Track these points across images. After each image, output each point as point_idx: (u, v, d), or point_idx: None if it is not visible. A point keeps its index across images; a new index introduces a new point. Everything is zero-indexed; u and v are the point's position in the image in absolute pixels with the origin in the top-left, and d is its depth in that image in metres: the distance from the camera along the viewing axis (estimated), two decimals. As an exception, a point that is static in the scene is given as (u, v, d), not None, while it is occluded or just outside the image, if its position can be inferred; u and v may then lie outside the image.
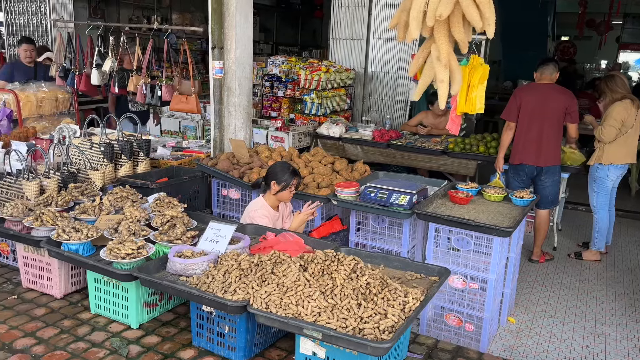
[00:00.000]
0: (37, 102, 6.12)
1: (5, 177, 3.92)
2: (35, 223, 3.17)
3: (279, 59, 8.51)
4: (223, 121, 5.29)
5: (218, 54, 5.06)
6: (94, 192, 3.95)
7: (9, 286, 3.56)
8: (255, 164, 4.67)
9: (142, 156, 4.74)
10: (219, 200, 4.89)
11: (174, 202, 3.74)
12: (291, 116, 8.10)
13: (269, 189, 3.89)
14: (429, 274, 2.96)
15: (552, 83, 5.05)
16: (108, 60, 5.71)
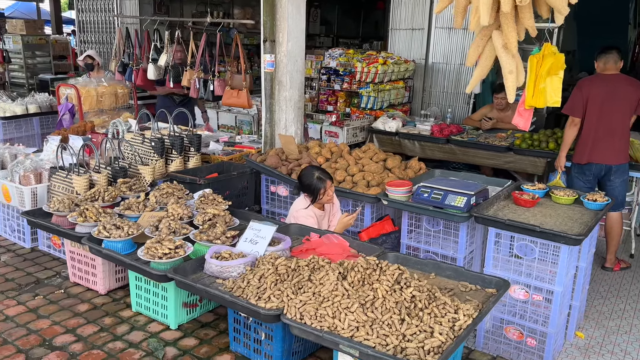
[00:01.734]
0: (98, 96, 6.27)
1: (58, 171, 3.98)
2: (78, 219, 3.17)
3: (336, 52, 8.30)
4: (274, 116, 5.17)
5: (269, 47, 4.93)
6: (142, 188, 3.93)
7: (57, 279, 3.61)
8: (305, 161, 4.51)
9: (193, 151, 4.70)
10: (268, 196, 4.78)
11: (218, 199, 3.64)
12: (347, 110, 7.89)
13: None
14: (485, 286, 2.68)
15: (619, 73, 4.56)
16: (163, 55, 5.74)
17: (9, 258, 3.91)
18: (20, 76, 10.81)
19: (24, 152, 4.64)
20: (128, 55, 6.17)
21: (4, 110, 6.86)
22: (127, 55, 6.17)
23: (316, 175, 3.58)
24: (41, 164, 4.26)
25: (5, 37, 10.12)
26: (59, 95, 6.33)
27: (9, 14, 15.87)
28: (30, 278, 3.59)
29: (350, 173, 4.25)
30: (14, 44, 10.38)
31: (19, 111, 6.98)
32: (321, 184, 3.56)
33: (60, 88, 6.31)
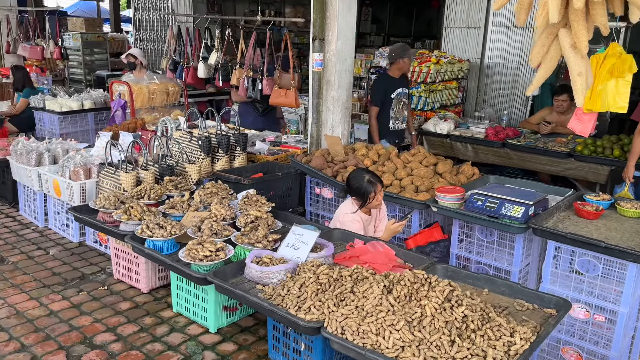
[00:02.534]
0: (149, 93, 6.36)
1: (106, 167, 4.02)
2: (123, 217, 3.16)
3: (386, 51, 8.11)
4: (321, 116, 5.06)
5: (318, 45, 4.83)
6: (188, 187, 3.92)
7: (101, 276, 3.63)
8: (351, 163, 4.37)
9: (239, 150, 4.66)
10: (312, 198, 4.68)
11: (261, 200, 3.57)
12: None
13: None
14: (544, 305, 2.47)
15: None
16: (214, 53, 5.75)
17: (57, 252, 3.98)
18: (78, 72, 11.19)
19: (75, 147, 4.73)
20: (179, 53, 6.23)
21: (61, 106, 7.08)
22: (179, 54, 6.23)
23: (366, 178, 3.44)
24: (91, 159, 4.32)
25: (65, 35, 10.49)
26: (112, 91, 6.46)
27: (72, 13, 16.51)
28: (76, 273, 3.63)
29: (398, 177, 4.09)
30: (73, 41, 10.75)
31: (75, 106, 7.18)
32: (371, 187, 3.42)
33: (113, 85, 6.44)
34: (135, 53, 6.72)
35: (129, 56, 6.74)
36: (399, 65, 5.29)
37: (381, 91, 5.30)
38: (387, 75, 5.38)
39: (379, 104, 5.30)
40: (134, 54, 6.70)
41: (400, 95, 5.38)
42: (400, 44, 5.62)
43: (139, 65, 6.66)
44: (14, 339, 2.81)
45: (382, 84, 5.35)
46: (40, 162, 4.47)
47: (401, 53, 5.25)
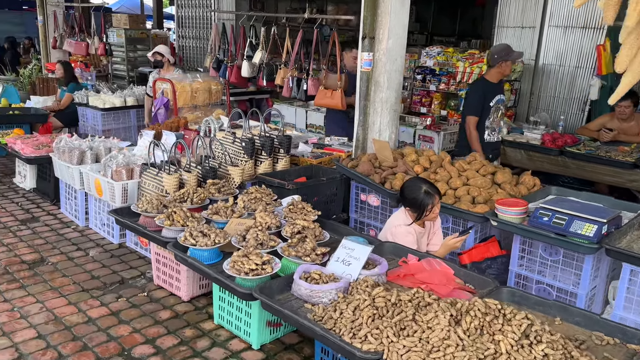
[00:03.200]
0: (192, 92, 6.26)
1: (149, 168, 3.91)
2: (166, 222, 3.03)
3: (434, 50, 7.83)
4: (367, 118, 4.83)
5: (368, 44, 4.60)
6: (231, 190, 3.77)
7: (141, 280, 3.52)
8: (400, 169, 4.14)
9: (282, 153, 4.49)
10: (357, 205, 4.46)
11: (307, 208, 3.38)
12: (442, 113, 7.41)
13: None
14: (626, 340, 2.19)
15: None
16: (258, 52, 5.60)
17: (97, 253, 3.90)
18: (121, 69, 11.29)
19: (118, 145, 4.66)
20: (223, 51, 6.11)
21: (104, 102, 7.08)
22: (222, 52, 6.11)
23: (424, 189, 3.20)
24: (133, 159, 4.23)
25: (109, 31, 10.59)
26: (155, 89, 6.40)
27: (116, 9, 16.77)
28: (115, 277, 3.53)
29: (452, 186, 3.83)
30: (117, 37, 10.84)
31: (118, 103, 7.18)
32: (429, 199, 3.18)
33: (156, 82, 6.37)
34: (162, 50, 6.50)
35: (155, 54, 6.50)
36: (501, 68, 4.68)
37: (480, 98, 4.72)
38: (485, 80, 4.81)
39: (478, 113, 4.72)
40: (160, 52, 6.47)
41: (498, 102, 4.83)
42: (503, 44, 5.03)
43: (166, 62, 6.48)
44: (52, 348, 2.71)
45: (480, 90, 4.76)
46: (82, 160, 4.40)
47: (505, 55, 4.63)
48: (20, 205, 4.80)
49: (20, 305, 3.10)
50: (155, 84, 6.43)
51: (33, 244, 3.98)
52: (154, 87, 6.45)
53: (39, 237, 4.12)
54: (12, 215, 4.55)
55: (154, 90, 6.46)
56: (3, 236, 4.09)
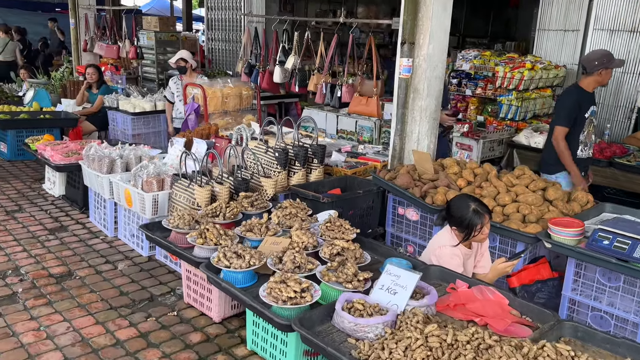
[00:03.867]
0: (223, 97, 6.14)
1: (180, 179, 3.77)
2: (198, 241, 2.87)
3: (470, 54, 7.56)
4: (405, 127, 4.61)
5: (407, 50, 4.38)
6: (264, 204, 3.60)
7: (171, 298, 3.38)
8: (442, 182, 3.91)
9: (316, 163, 4.31)
10: (395, 219, 4.24)
11: (345, 225, 3.18)
12: (479, 118, 7.12)
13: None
14: None
15: None
16: (291, 57, 5.43)
17: (125, 267, 3.77)
18: (151, 71, 11.28)
19: (148, 154, 4.54)
20: (255, 56, 5.95)
21: (134, 106, 7.02)
22: (254, 56, 5.96)
23: (472, 207, 2.97)
24: (164, 169, 4.10)
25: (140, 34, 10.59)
26: (186, 94, 6.29)
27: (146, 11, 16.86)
28: (144, 293, 3.40)
29: (500, 203, 3.58)
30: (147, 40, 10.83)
31: (148, 108, 7.11)
32: (478, 219, 2.94)
33: (187, 87, 6.27)
34: (186, 56, 6.33)
35: (179, 60, 6.31)
36: (600, 77, 4.18)
37: (574, 108, 4.16)
38: (580, 88, 4.25)
39: (569, 124, 4.15)
40: (184, 58, 6.30)
41: (592, 114, 4.30)
42: (603, 50, 4.57)
43: (189, 68, 6.32)
44: (78, 372, 2.58)
45: (575, 99, 4.20)
46: (112, 169, 4.30)
47: (607, 62, 4.14)
48: (49, 213, 4.73)
49: (47, 323, 2.99)
50: (187, 89, 6.33)
51: (61, 256, 3.88)
52: (185, 93, 6.35)
53: (67, 249, 4.02)
54: (40, 224, 4.48)
55: (185, 95, 6.36)
56: (32, 247, 4.01)
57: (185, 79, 6.28)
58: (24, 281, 3.48)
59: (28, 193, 5.24)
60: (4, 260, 3.76)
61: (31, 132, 6.40)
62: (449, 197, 3.73)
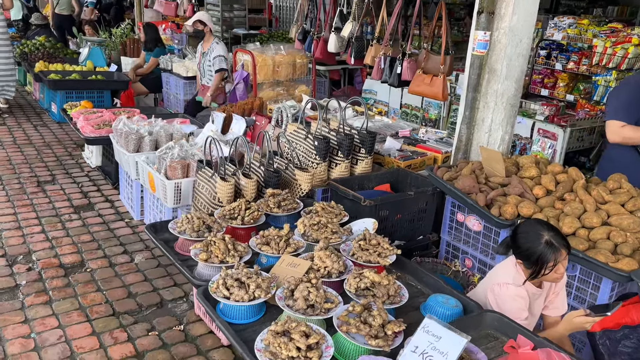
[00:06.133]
0: (274, 66, 5.59)
1: (204, 167, 3.31)
2: (201, 255, 2.40)
3: (564, 21, 6.47)
4: (475, 114, 3.86)
5: (485, 21, 3.59)
6: (293, 205, 3.07)
7: (182, 305, 2.98)
8: (513, 190, 3.19)
9: (363, 154, 3.70)
10: (452, 225, 3.58)
11: (384, 244, 2.59)
12: (569, 98, 6.13)
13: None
14: None
15: None
16: (348, 24, 4.74)
17: (142, 260, 3.43)
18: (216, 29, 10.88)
19: (181, 131, 4.12)
20: (310, 21, 5.30)
21: (187, 69, 6.64)
22: (310, 21, 5.31)
23: (545, 238, 2.29)
24: (191, 152, 3.66)
25: (205, -11, 10.18)
26: (236, 60, 5.81)
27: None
28: (154, 297, 3.03)
29: (586, 225, 2.83)
30: (213, -5, 10.40)
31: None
32: (552, 254, 2.27)
33: (237, 53, 5.78)
34: (205, 19, 5.67)
35: (196, 23, 5.64)
36: None
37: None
38: None
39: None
40: (203, 20, 5.64)
41: None
42: None
43: (207, 32, 5.72)
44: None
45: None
46: (140, 147, 3.92)
47: None
48: (80, 187, 4.49)
49: (39, 329, 2.69)
50: (237, 55, 5.84)
51: (78, 241, 3.60)
52: (235, 59, 5.87)
53: (87, 232, 3.74)
54: (68, 199, 4.23)
55: (235, 62, 5.88)
56: (51, 227, 3.76)
57: (203, 45, 5.79)
58: (31, 271, 3.22)
59: (66, 161, 5.04)
60: (19, 242, 3.53)
61: (81, 93, 6.21)
62: (521, 210, 3.03)
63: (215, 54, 5.60)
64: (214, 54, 5.60)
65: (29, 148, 5.34)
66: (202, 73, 5.89)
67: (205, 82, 5.85)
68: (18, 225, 3.75)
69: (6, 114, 6.59)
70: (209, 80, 5.79)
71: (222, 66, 5.61)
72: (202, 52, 5.78)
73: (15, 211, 3.95)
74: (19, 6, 10.65)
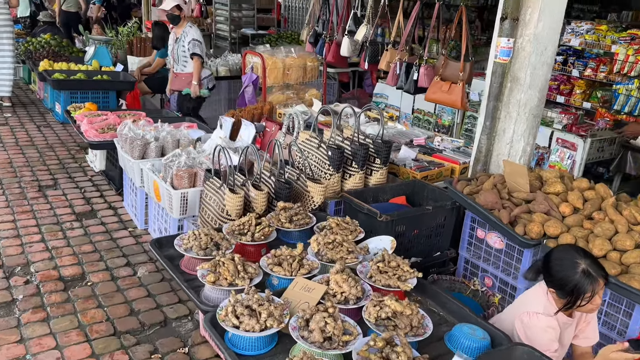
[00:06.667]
0: (284, 69, 5.43)
1: (212, 177, 3.15)
2: (209, 277, 2.24)
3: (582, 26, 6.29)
4: (496, 125, 3.69)
5: (509, 27, 3.42)
6: (305, 220, 2.90)
7: (187, 324, 2.82)
8: (539, 207, 3.01)
9: (378, 164, 3.53)
10: (471, 241, 3.41)
11: (404, 266, 2.43)
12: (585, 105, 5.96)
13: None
14: None
15: None
16: (363, 27, 4.57)
17: (146, 273, 3.27)
18: (224, 29, 10.74)
19: (187, 137, 3.96)
20: (322, 23, 5.13)
21: (193, 71, 6.48)
22: (322, 23, 5.14)
23: (582, 267, 2.12)
24: (199, 159, 3.50)
25: (214, -13, 10.03)
26: (245, 63, 5.65)
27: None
28: (158, 315, 2.87)
29: (618, 247, 2.66)
30: (222, -6, 10.26)
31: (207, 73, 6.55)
32: (589, 284, 2.10)
33: (247, 55, 5.62)
34: (180, 3, 5.35)
35: (174, 8, 5.29)
36: None
37: None
38: None
39: None
40: (180, 5, 5.34)
41: None
42: None
43: (183, 18, 5.44)
44: None
45: None
46: (145, 153, 3.77)
47: None
48: (82, 192, 4.34)
49: (34, 350, 2.54)
50: (246, 57, 5.68)
51: (79, 251, 3.45)
52: (244, 61, 5.71)
53: (89, 242, 3.59)
54: (70, 206, 4.08)
55: (244, 64, 5.72)
56: (52, 236, 3.61)
57: (176, 31, 5.52)
58: (29, 284, 3.06)
59: (69, 164, 4.89)
60: (17, 252, 3.38)
61: (85, 93, 6.06)
62: (548, 229, 2.86)
63: (190, 38, 5.36)
64: (188, 37, 5.36)
65: (31, 150, 5.20)
66: (175, 60, 5.63)
67: (180, 70, 5.61)
68: (17, 233, 3.60)
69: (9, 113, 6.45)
70: (183, 67, 5.56)
71: (196, 51, 5.37)
72: (176, 37, 5.53)
73: (14, 218, 3.80)
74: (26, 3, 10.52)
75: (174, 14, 5.35)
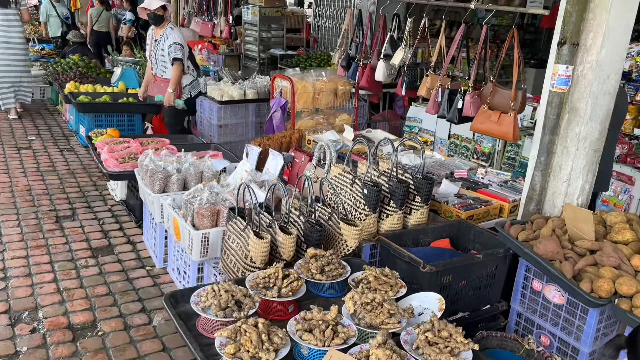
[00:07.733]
0: (315, 93, 5.15)
1: (236, 218, 2.85)
2: (228, 349, 1.92)
3: (632, 48, 5.88)
4: (552, 160, 3.31)
5: (568, 53, 3.06)
6: (339, 270, 2.57)
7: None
8: (607, 259, 2.61)
9: (419, 202, 3.18)
10: (525, 293, 3.01)
11: (457, 336, 2.06)
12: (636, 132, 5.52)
13: None
14: None
15: None
16: (400, 50, 4.26)
17: (162, 322, 2.97)
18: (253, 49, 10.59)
19: (211, 169, 3.69)
20: (356, 46, 4.84)
21: (222, 94, 6.28)
22: (355, 46, 4.85)
23: None
24: (222, 195, 3.22)
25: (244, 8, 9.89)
26: (274, 86, 5.40)
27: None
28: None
29: None
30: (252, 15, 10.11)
31: (236, 96, 6.34)
32: None
33: (275, 79, 5.36)
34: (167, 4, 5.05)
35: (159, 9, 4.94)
36: None
37: None
38: None
39: None
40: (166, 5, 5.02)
41: None
42: None
43: (166, 20, 5.10)
44: None
45: None
46: (166, 186, 3.51)
47: None
48: (101, 224, 4.10)
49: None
50: (275, 81, 5.43)
51: (92, 294, 3.18)
52: (272, 85, 5.45)
53: (104, 282, 3.33)
54: (86, 240, 3.85)
55: (272, 88, 5.46)
56: (64, 275, 3.36)
57: (155, 32, 5.16)
58: (35, 333, 2.80)
59: (90, 192, 4.68)
60: (27, 294, 3.13)
61: (110, 116, 5.91)
62: (620, 287, 2.46)
63: (171, 41, 4.99)
64: (169, 41, 4.99)
65: (52, 176, 5.03)
66: (154, 63, 5.27)
67: (159, 74, 5.24)
68: (28, 271, 3.37)
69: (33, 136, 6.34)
70: (162, 72, 5.19)
71: (177, 55, 5.00)
72: (155, 39, 5.15)
73: (27, 253, 3.58)
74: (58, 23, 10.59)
75: (157, 13, 4.99)
